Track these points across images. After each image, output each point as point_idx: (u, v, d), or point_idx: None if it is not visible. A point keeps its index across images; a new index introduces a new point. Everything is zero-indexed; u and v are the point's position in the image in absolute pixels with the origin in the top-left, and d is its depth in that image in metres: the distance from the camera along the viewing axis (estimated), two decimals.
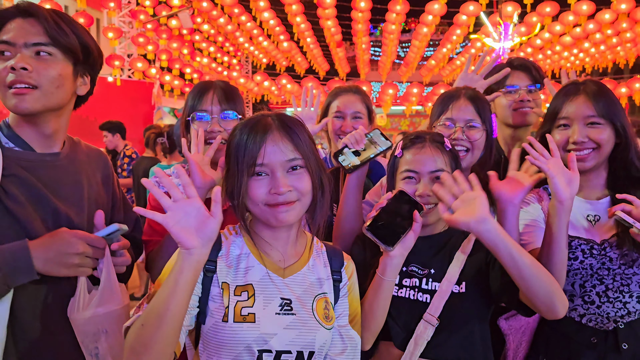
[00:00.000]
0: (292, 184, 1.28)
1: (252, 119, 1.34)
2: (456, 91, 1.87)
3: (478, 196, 1.34)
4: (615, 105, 1.68)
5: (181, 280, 1.10)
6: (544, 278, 1.33)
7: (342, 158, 1.71)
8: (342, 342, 1.35)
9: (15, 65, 1.30)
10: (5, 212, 1.31)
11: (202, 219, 1.12)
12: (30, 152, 1.41)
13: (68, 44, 1.37)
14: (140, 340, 1.09)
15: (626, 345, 1.61)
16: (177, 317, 1.11)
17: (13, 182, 1.33)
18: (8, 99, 1.34)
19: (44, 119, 1.40)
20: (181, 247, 1.10)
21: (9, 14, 1.36)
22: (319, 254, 1.42)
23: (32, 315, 1.35)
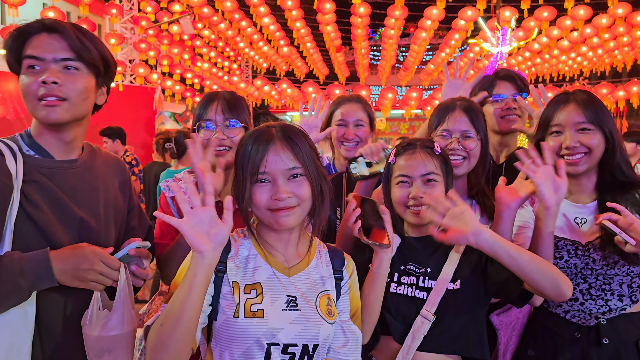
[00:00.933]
0: (292, 190, 1.37)
1: (257, 129, 1.44)
2: (452, 103, 1.98)
3: (465, 210, 1.44)
4: (603, 112, 1.78)
5: (195, 282, 1.20)
6: (545, 268, 1.44)
7: (353, 165, 1.81)
8: (344, 335, 1.45)
9: (47, 79, 1.39)
10: (25, 216, 1.40)
11: (215, 225, 1.22)
12: (49, 160, 1.50)
13: (91, 59, 1.47)
14: (160, 339, 1.19)
15: (607, 340, 1.71)
16: (193, 317, 1.21)
17: (33, 187, 1.42)
18: (39, 110, 1.43)
19: (67, 128, 1.50)
20: (194, 250, 1.20)
21: (33, 29, 1.45)
22: (321, 254, 1.52)
23: (55, 316, 1.43)
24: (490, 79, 2.39)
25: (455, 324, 1.56)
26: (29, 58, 1.43)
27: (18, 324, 1.35)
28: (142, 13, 12.25)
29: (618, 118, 21.38)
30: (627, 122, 22.14)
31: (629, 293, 1.74)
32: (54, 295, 1.43)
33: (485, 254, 1.56)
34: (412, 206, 1.63)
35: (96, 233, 1.52)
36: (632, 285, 1.74)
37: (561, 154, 1.77)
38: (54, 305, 1.44)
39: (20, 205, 1.38)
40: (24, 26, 1.46)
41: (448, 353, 1.56)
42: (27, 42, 1.44)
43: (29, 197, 1.40)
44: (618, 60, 17.77)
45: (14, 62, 1.47)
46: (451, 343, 1.56)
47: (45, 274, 1.34)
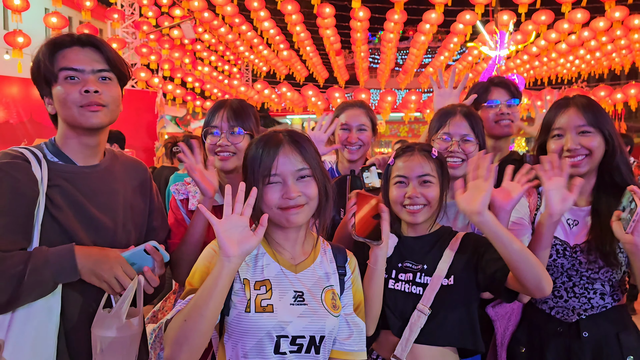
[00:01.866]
0: (301, 190, 1.46)
1: (265, 135, 1.52)
2: (452, 108, 2.08)
3: (485, 190, 1.52)
4: (603, 115, 1.85)
5: (220, 283, 1.29)
6: (532, 261, 1.51)
7: (366, 175, 1.90)
8: (349, 328, 1.53)
9: (89, 88, 1.52)
10: (50, 217, 1.50)
11: (246, 235, 1.32)
12: (72, 165, 1.60)
13: (120, 70, 1.61)
14: (183, 333, 1.28)
15: (587, 333, 1.80)
16: (215, 314, 1.31)
17: (57, 191, 1.52)
18: (81, 116, 1.54)
19: (98, 132, 1.61)
20: (222, 254, 1.29)
21: (66, 42, 1.57)
22: (325, 252, 1.61)
23: (79, 312, 1.52)
24: (485, 86, 2.49)
25: (450, 317, 1.65)
26: (66, 70, 1.54)
27: (43, 319, 1.43)
28: (143, 18, 12.36)
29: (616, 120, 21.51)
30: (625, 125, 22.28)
31: (610, 292, 1.83)
32: (79, 293, 1.52)
33: (477, 253, 1.66)
34: (408, 205, 1.72)
35: (113, 233, 1.62)
36: (614, 286, 1.83)
37: (563, 156, 1.84)
38: (78, 302, 1.53)
39: (46, 208, 1.49)
40: (55, 39, 1.58)
41: (443, 345, 1.66)
42: (59, 54, 1.55)
43: (53, 200, 1.51)
44: (616, 63, 17.88)
45: (43, 71, 1.57)
46: (446, 335, 1.66)
47: (69, 267, 1.43)
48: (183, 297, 1.37)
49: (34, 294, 1.42)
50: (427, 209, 1.70)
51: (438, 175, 1.73)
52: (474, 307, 1.72)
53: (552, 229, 1.71)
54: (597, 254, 1.77)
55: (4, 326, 1.42)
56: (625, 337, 1.80)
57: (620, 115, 20.26)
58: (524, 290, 1.56)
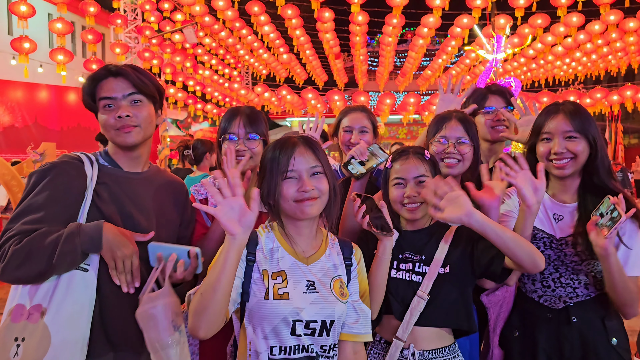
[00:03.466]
0: (315, 184, 1.63)
1: (281, 139, 1.70)
2: (448, 114, 2.25)
3: (460, 195, 1.70)
4: (588, 122, 1.99)
5: (228, 259, 1.44)
6: (524, 244, 1.70)
7: (351, 167, 2.07)
8: (356, 313, 1.69)
9: (121, 114, 1.75)
10: (95, 208, 1.73)
11: (243, 212, 1.47)
12: (118, 170, 1.84)
13: (149, 91, 1.81)
14: (200, 305, 1.45)
15: (575, 318, 1.96)
16: (226, 287, 1.46)
17: (103, 188, 1.76)
18: (117, 137, 1.79)
19: (137, 147, 1.85)
20: (228, 233, 1.45)
21: (101, 75, 1.80)
22: (333, 245, 1.77)
23: (113, 290, 1.70)
24: (482, 92, 2.65)
25: (446, 301, 1.82)
26: (103, 99, 1.77)
27: (81, 292, 1.64)
28: (145, 23, 12.55)
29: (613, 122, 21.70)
30: (622, 126, 22.48)
31: (593, 282, 1.99)
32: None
33: (470, 243, 1.83)
34: (407, 204, 1.89)
35: (146, 231, 1.80)
36: (597, 276, 1.98)
37: (550, 158, 1.99)
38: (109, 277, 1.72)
39: (92, 200, 1.73)
40: (93, 74, 1.82)
41: (440, 326, 1.83)
42: (97, 86, 1.79)
43: (100, 194, 1.75)
44: (612, 65, 18.06)
45: (89, 101, 1.82)
46: (443, 318, 1.83)
47: (96, 239, 1.63)
48: None
49: (67, 261, 1.60)
50: (424, 205, 1.87)
51: (431, 175, 1.91)
52: (468, 292, 1.89)
53: (531, 219, 1.87)
54: (582, 247, 1.93)
55: (48, 295, 1.61)
56: (609, 321, 1.97)
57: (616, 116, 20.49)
58: (521, 269, 1.75)
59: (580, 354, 1.93)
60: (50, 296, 1.62)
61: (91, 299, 1.65)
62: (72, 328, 1.61)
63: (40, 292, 1.62)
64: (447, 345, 1.83)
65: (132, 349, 1.73)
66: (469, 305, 1.87)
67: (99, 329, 1.67)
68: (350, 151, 2.13)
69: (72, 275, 1.64)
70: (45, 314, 1.59)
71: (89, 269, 1.66)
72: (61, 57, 9.02)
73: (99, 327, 1.68)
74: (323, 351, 1.60)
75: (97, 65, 10.28)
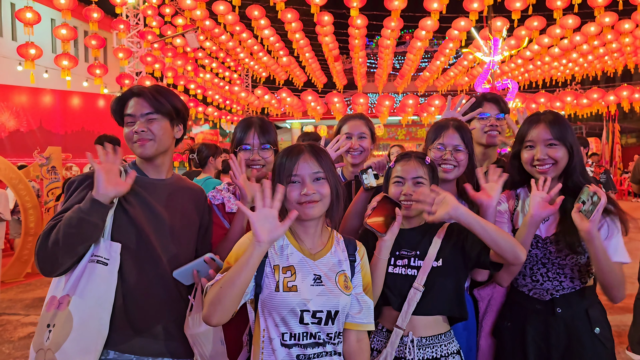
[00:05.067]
0: (316, 189, 1.78)
1: (290, 146, 1.87)
2: (446, 122, 2.42)
3: (446, 195, 1.89)
4: (567, 130, 2.17)
5: (250, 261, 1.61)
6: (506, 237, 1.86)
7: (365, 176, 2.24)
8: (359, 304, 1.85)
9: (138, 130, 1.97)
10: (122, 209, 1.92)
11: (274, 225, 1.63)
12: (145, 177, 2.04)
13: (164, 109, 2.01)
14: (217, 296, 1.61)
15: (560, 309, 2.12)
16: (243, 284, 1.62)
17: (131, 192, 1.93)
18: (136, 149, 2.00)
19: (156, 157, 2.05)
20: (255, 238, 1.60)
21: (128, 96, 2.03)
22: (338, 243, 1.92)
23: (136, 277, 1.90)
24: (479, 100, 2.84)
25: (440, 292, 1.98)
26: (127, 116, 2.00)
27: (100, 285, 1.82)
28: (147, 28, 12.71)
29: (610, 121, 21.88)
30: (619, 126, 22.66)
31: (578, 276, 2.14)
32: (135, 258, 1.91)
33: (461, 238, 2.01)
34: (403, 201, 2.06)
35: (169, 227, 2.01)
36: (581, 270, 2.15)
37: (533, 164, 2.16)
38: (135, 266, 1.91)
39: (120, 203, 1.92)
40: (122, 95, 2.05)
41: (435, 314, 2.00)
42: (125, 105, 2.02)
43: (127, 198, 1.94)
44: (609, 65, 18.24)
45: (118, 118, 2.05)
46: (437, 307, 1.99)
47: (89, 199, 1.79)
48: (222, 272, 1.70)
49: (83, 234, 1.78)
50: (414, 206, 2.04)
51: (429, 178, 2.07)
52: (460, 283, 2.05)
53: (532, 228, 2.06)
54: (564, 244, 2.10)
55: (74, 286, 1.81)
56: (593, 312, 2.13)
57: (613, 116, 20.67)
58: (503, 260, 1.91)
59: (565, 342, 2.09)
60: (75, 286, 1.81)
61: (110, 289, 1.83)
62: (92, 315, 1.79)
63: (69, 284, 1.82)
64: (443, 332, 2.00)
65: (153, 336, 1.92)
66: (462, 295, 2.03)
67: (122, 317, 1.86)
68: (369, 161, 2.29)
69: (93, 267, 1.83)
70: (70, 302, 1.79)
71: (108, 263, 1.85)
72: (66, 62, 9.19)
73: (123, 315, 1.86)
74: (329, 338, 1.76)
75: (101, 70, 10.46)
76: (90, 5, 9.90)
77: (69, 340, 1.75)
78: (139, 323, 1.89)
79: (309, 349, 1.71)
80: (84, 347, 1.76)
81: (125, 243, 1.88)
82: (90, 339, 1.78)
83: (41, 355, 1.77)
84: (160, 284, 1.94)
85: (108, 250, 1.85)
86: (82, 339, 1.76)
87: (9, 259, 7.89)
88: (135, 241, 1.91)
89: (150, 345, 1.91)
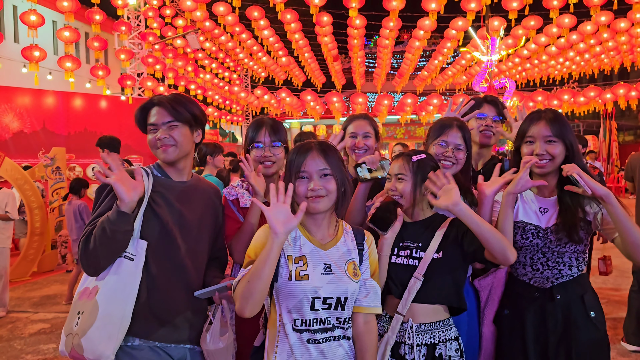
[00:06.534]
0: (323, 184, 1.91)
1: (301, 144, 1.99)
2: (450, 121, 2.57)
3: (453, 187, 2.03)
4: (566, 128, 2.32)
5: (271, 253, 1.75)
6: (498, 237, 1.99)
7: (359, 170, 2.38)
8: (366, 289, 1.97)
9: (161, 137, 2.12)
10: (150, 209, 2.07)
11: (288, 217, 1.78)
12: (168, 179, 2.20)
13: (183, 117, 2.17)
14: (248, 290, 1.75)
15: (559, 295, 2.27)
16: (269, 276, 1.76)
17: (157, 194, 2.11)
18: (159, 154, 2.16)
19: (178, 161, 2.21)
20: (272, 231, 1.75)
21: (150, 105, 2.18)
22: (347, 233, 2.05)
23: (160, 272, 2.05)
24: (479, 101, 2.99)
25: (439, 282, 2.12)
26: (150, 125, 2.17)
27: (125, 278, 1.97)
28: (148, 29, 12.82)
29: (607, 119, 22.03)
30: (616, 123, 22.82)
31: (576, 264, 2.29)
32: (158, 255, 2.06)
33: (460, 233, 2.15)
34: (392, 195, 2.23)
35: (191, 223, 2.17)
36: (578, 259, 2.30)
37: None
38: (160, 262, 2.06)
39: (149, 204, 2.08)
40: (144, 105, 2.21)
41: (434, 303, 2.13)
42: (148, 114, 2.18)
43: (154, 199, 2.10)
44: (605, 64, 18.38)
45: (142, 126, 2.22)
46: (436, 296, 2.13)
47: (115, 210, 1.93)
48: (245, 267, 1.84)
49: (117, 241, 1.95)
50: (401, 200, 2.20)
51: (411, 174, 2.21)
52: (458, 274, 2.18)
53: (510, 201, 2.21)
54: (564, 233, 2.24)
55: (103, 278, 1.97)
56: (587, 297, 2.28)
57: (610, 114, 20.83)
58: (494, 259, 2.04)
59: (562, 327, 2.23)
60: (103, 279, 1.98)
61: (134, 283, 1.98)
62: (116, 306, 1.94)
63: (100, 277, 1.98)
64: (442, 320, 2.13)
65: (174, 325, 2.08)
66: (460, 286, 2.17)
67: (146, 308, 2.01)
68: (364, 157, 2.43)
69: (121, 262, 1.98)
70: (97, 293, 1.95)
71: (134, 259, 1.99)
72: (69, 64, 9.31)
73: (147, 306, 2.01)
74: (339, 323, 1.89)
75: (103, 72, 10.58)
76: (93, 7, 10.03)
77: (93, 328, 1.91)
78: (162, 314, 2.06)
79: (318, 333, 1.85)
80: (107, 334, 1.92)
81: (152, 240, 2.05)
82: (112, 327, 1.93)
83: (70, 339, 1.95)
84: (182, 279, 2.12)
85: (135, 247, 2.02)
86: (105, 327, 1.92)
87: (15, 259, 8.01)
88: (161, 239, 2.08)
89: (172, 333, 2.08)
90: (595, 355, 2.22)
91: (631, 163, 5.00)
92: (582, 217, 2.23)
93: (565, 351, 2.20)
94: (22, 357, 4.88)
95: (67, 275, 8.39)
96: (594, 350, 2.22)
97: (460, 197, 2.01)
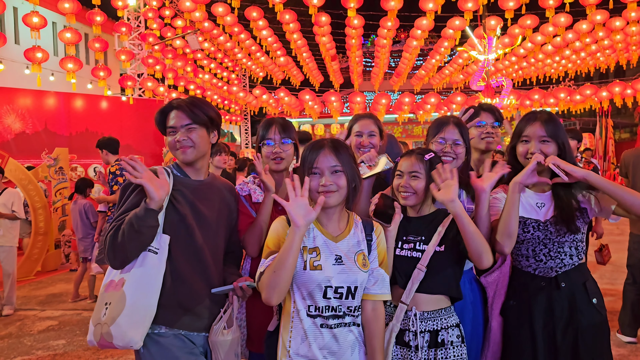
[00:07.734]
0: (334, 180, 2.02)
1: (314, 141, 2.11)
2: (447, 119, 2.69)
3: (453, 184, 2.16)
4: (559, 129, 2.47)
5: (294, 244, 1.86)
6: (480, 241, 2.14)
7: (360, 168, 2.49)
8: (374, 277, 2.09)
9: (180, 139, 2.23)
10: (172, 206, 2.19)
11: (307, 210, 1.89)
12: (187, 178, 2.31)
13: (201, 120, 2.27)
14: (274, 280, 1.86)
15: (564, 284, 2.40)
16: (292, 265, 1.88)
17: (178, 193, 2.23)
18: (178, 155, 2.27)
19: (196, 161, 2.32)
20: (293, 224, 1.86)
21: (169, 109, 2.28)
22: (357, 225, 2.16)
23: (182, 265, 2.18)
24: (477, 110, 3.12)
25: (440, 274, 2.24)
26: (169, 128, 2.27)
27: (150, 270, 2.09)
28: (148, 30, 12.90)
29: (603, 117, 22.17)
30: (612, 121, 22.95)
31: (576, 253, 2.43)
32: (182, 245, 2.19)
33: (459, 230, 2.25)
34: (402, 192, 2.33)
35: (209, 219, 2.30)
36: (578, 248, 2.44)
37: (527, 157, 2.45)
38: (182, 256, 2.19)
39: (170, 202, 2.20)
40: (163, 108, 2.31)
41: (435, 293, 2.25)
42: (167, 117, 2.29)
43: (175, 197, 2.23)
44: (601, 62, 18.52)
45: (161, 128, 2.31)
46: (437, 286, 2.25)
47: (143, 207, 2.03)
48: (265, 257, 1.97)
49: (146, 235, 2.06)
50: (414, 196, 2.31)
51: (425, 172, 2.32)
52: (459, 267, 2.31)
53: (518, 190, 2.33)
54: (562, 224, 2.37)
55: (129, 271, 2.09)
56: (589, 284, 2.42)
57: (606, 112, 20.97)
58: (471, 260, 2.20)
59: (568, 313, 2.37)
60: (129, 271, 2.09)
61: (158, 275, 2.10)
62: (142, 296, 2.06)
63: (125, 269, 2.10)
64: (444, 307, 2.25)
65: (197, 314, 2.21)
66: (458, 279, 2.31)
67: (171, 298, 2.13)
68: (362, 156, 2.55)
69: (145, 255, 2.10)
70: (124, 284, 2.06)
71: (158, 252, 2.12)
72: (71, 65, 9.39)
73: (172, 296, 2.13)
74: (349, 311, 2.00)
75: (105, 73, 10.66)
76: (93, 9, 10.11)
77: (122, 316, 2.02)
78: (186, 303, 2.19)
79: (330, 319, 1.96)
80: (135, 322, 2.04)
81: (174, 235, 2.17)
82: (139, 316, 2.05)
83: (98, 328, 2.06)
84: (203, 271, 2.25)
85: (159, 241, 2.14)
86: (132, 316, 2.04)
87: (19, 258, 8.10)
88: (182, 234, 2.20)
89: (195, 322, 2.22)
90: (599, 337, 2.38)
91: (625, 159, 5.11)
92: (577, 206, 2.37)
93: (573, 336, 2.34)
94: (32, 352, 4.99)
95: (71, 274, 8.48)
96: (597, 333, 2.37)
97: (457, 194, 2.14)
